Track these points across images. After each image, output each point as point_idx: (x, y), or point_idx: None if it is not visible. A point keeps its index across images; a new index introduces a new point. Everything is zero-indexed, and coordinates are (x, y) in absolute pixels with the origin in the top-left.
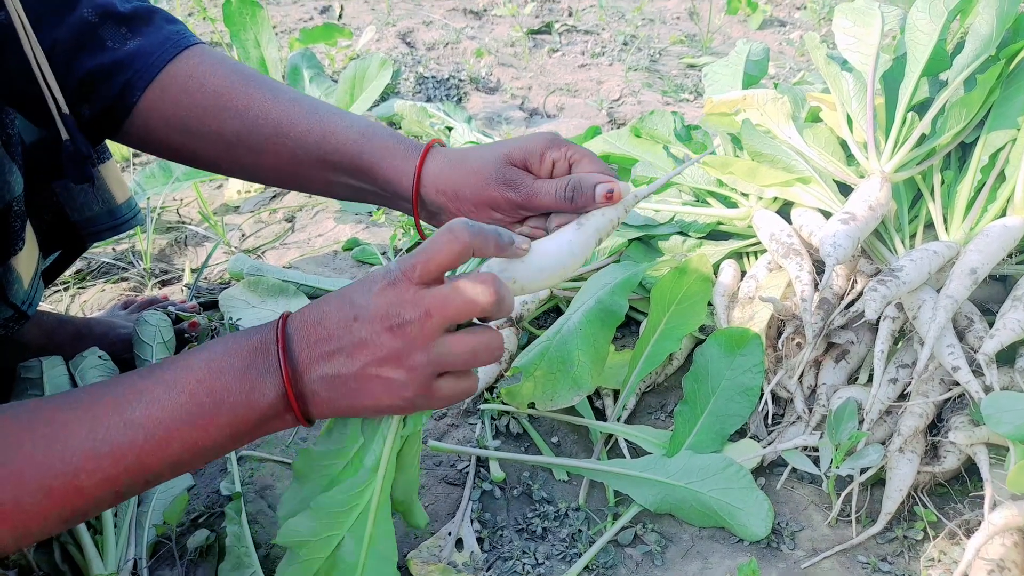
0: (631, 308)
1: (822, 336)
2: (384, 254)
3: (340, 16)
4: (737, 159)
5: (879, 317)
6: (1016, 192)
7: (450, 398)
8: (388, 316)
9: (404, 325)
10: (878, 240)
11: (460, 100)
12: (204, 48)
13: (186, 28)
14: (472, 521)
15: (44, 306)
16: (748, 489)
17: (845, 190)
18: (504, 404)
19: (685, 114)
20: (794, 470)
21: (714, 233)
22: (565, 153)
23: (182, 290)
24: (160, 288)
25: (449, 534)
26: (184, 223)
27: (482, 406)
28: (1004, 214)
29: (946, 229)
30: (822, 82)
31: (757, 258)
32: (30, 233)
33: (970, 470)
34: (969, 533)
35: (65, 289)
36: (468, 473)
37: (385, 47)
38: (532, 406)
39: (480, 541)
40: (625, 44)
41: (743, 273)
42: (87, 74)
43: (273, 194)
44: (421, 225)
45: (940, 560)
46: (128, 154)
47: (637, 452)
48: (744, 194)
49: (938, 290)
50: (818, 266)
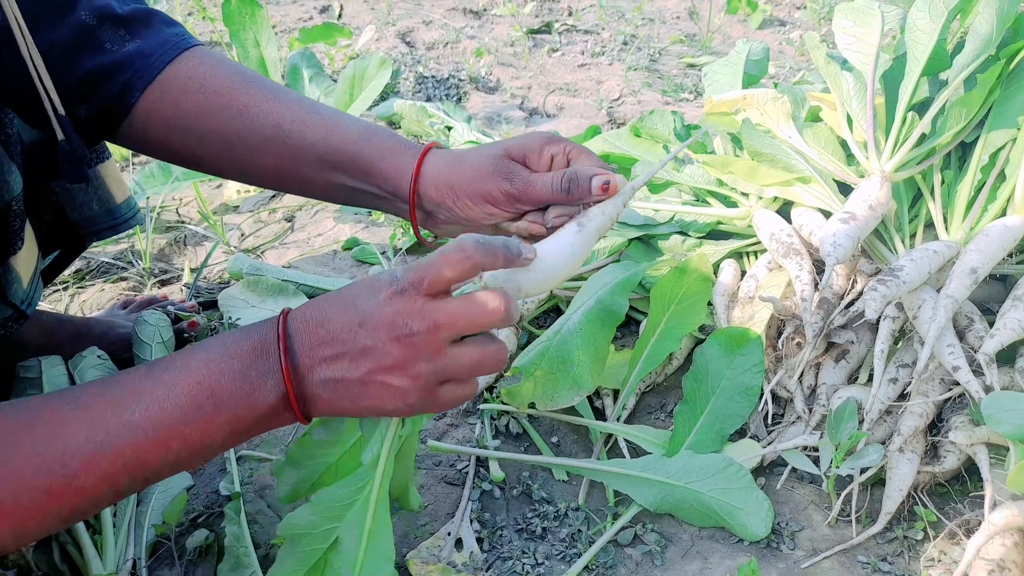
0: (631, 308)
1: (822, 336)
2: (384, 254)
3: (340, 16)
4: (737, 159)
5: (879, 317)
6: (1016, 192)
7: (451, 403)
8: (395, 325)
9: (411, 336)
10: (878, 240)
11: (460, 100)
12: (204, 50)
13: (185, 30)
14: (472, 521)
15: (43, 305)
16: (748, 489)
17: (845, 190)
18: (504, 404)
19: (685, 114)
20: (794, 470)
21: (714, 233)
22: (563, 149)
23: (181, 290)
24: (159, 288)
25: (449, 534)
26: (183, 223)
27: (482, 406)
28: (1004, 214)
29: (946, 229)
30: (822, 82)
31: (757, 258)
32: (29, 232)
33: (970, 470)
34: (969, 533)
35: (64, 289)
36: (468, 473)
37: (385, 46)
38: (532, 406)
39: (480, 541)
40: (625, 44)
41: (743, 273)
42: (86, 75)
43: (272, 194)
44: (418, 227)
45: (940, 560)
46: (127, 154)
47: (637, 452)
48: (744, 194)
49: (938, 290)
50: (818, 266)
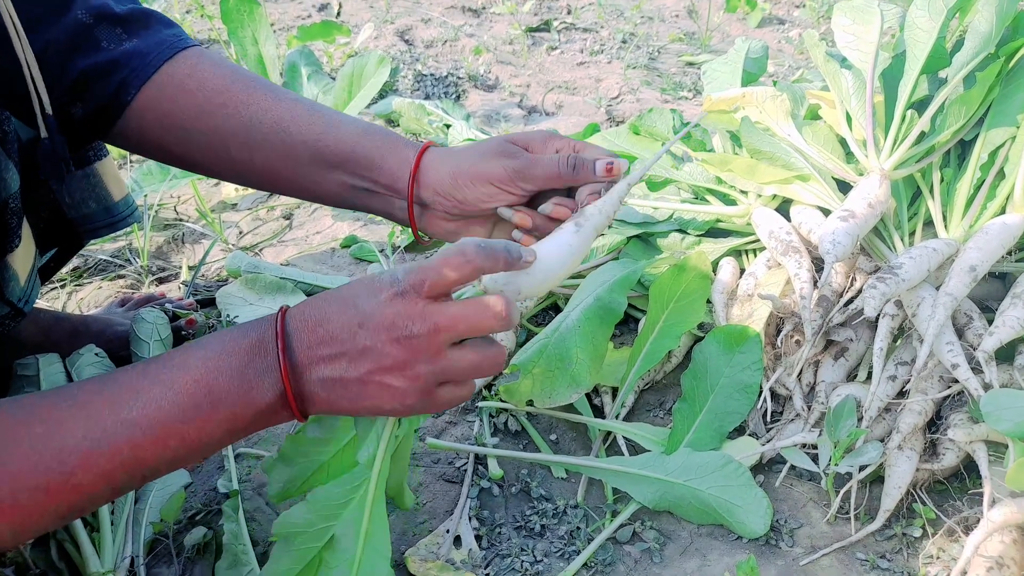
0: (630, 305)
1: (821, 334)
2: (382, 251)
3: (338, 13)
4: (736, 157)
5: (878, 314)
6: (1015, 189)
7: (449, 403)
8: (395, 327)
9: (412, 338)
10: (877, 238)
11: (458, 98)
12: (201, 50)
13: (183, 31)
14: (470, 518)
15: (41, 303)
16: (747, 486)
17: (844, 188)
18: (503, 401)
19: (684, 112)
20: (793, 467)
21: (713, 231)
22: (568, 144)
23: (179, 287)
24: (157, 285)
25: (447, 531)
26: (181, 220)
27: (480, 404)
28: (1003, 211)
29: (945, 227)
30: (821, 80)
31: (756, 256)
32: (27, 230)
33: (969, 467)
34: (968, 530)
35: (62, 286)
36: (466, 470)
37: (383, 44)
38: (530, 403)
39: (478, 538)
40: (624, 42)
41: (742, 271)
42: (81, 73)
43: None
44: (415, 226)
45: (939, 557)
46: (125, 151)
47: (636, 449)
48: (743, 192)
49: (937, 288)
50: (817, 264)
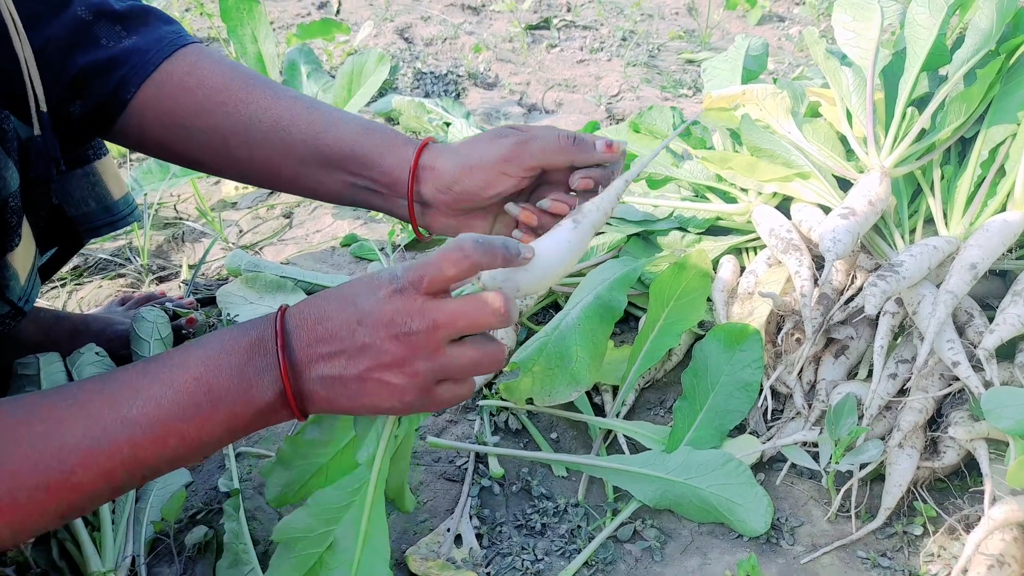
0: (630, 304)
1: (821, 331)
2: (382, 250)
3: (338, 12)
4: (736, 154)
5: (879, 312)
6: (1016, 187)
7: (448, 402)
8: (394, 323)
9: (410, 334)
10: (878, 235)
11: (458, 96)
12: (201, 47)
13: (182, 28)
14: (471, 517)
15: (41, 302)
16: (747, 485)
17: (845, 185)
18: (503, 400)
19: (684, 109)
20: (793, 466)
21: (713, 229)
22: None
23: (179, 286)
24: (157, 284)
25: (448, 530)
26: (181, 219)
27: (481, 402)
28: (1004, 209)
29: (946, 224)
30: (821, 77)
31: (756, 254)
32: (27, 229)
33: (970, 465)
34: (969, 528)
35: (62, 285)
36: (467, 469)
37: (383, 43)
38: (531, 402)
39: (479, 537)
40: (624, 40)
41: (742, 269)
42: (80, 71)
43: (271, 191)
44: (416, 224)
45: (940, 555)
46: (125, 150)
47: (636, 448)
48: (743, 189)
49: (938, 285)
50: (817, 261)
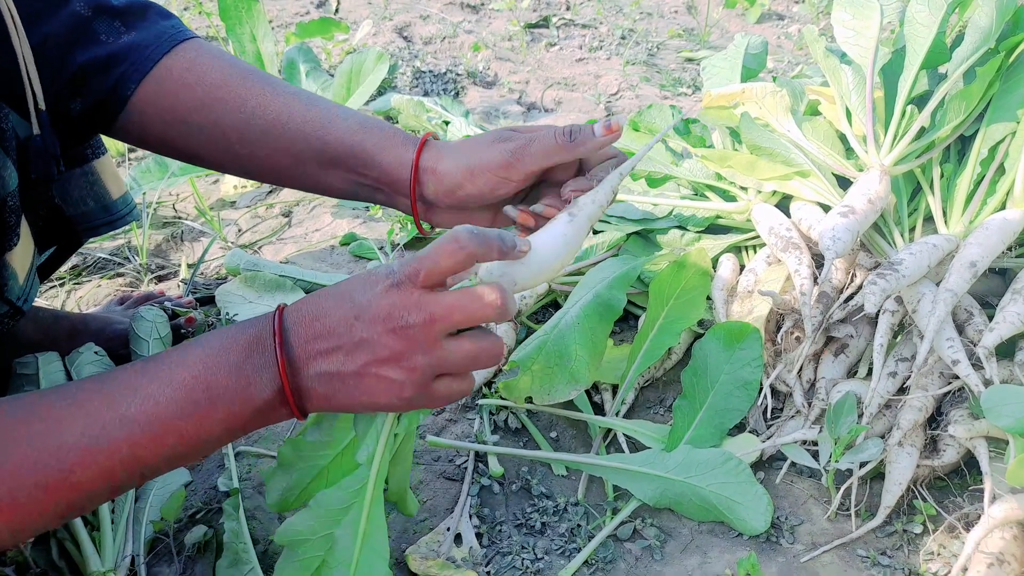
0: (629, 302)
1: (821, 330)
2: (382, 249)
3: (336, 10)
4: (736, 153)
5: (878, 310)
6: (1016, 185)
7: (447, 398)
8: (391, 317)
9: (407, 328)
10: (877, 234)
11: (457, 94)
12: (200, 42)
13: (181, 22)
14: (471, 516)
15: (40, 302)
16: (747, 483)
17: (844, 184)
18: (503, 399)
19: (683, 108)
20: (793, 464)
21: (713, 227)
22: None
23: (178, 286)
24: (156, 284)
25: (448, 529)
26: (180, 218)
27: (480, 401)
28: (1004, 207)
29: (945, 222)
30: (821, 75)
31: (756, 252)
32: (25, 228)
33: (969, 464)
34: (969, 527)
35: (61, 285)
36: (467, 468)
37: (382, 41)
38: (530, 401)
39: (479, 536)
40: (623, 38)
41: (742, 267)
42: (79, 68)
43: (270, 189)
44: (419, 220)
45: (939, 554)
46: (123, 149)
47: (636, 447)
48: (743, 188)
49: (937, 283)
50: (817, 260)
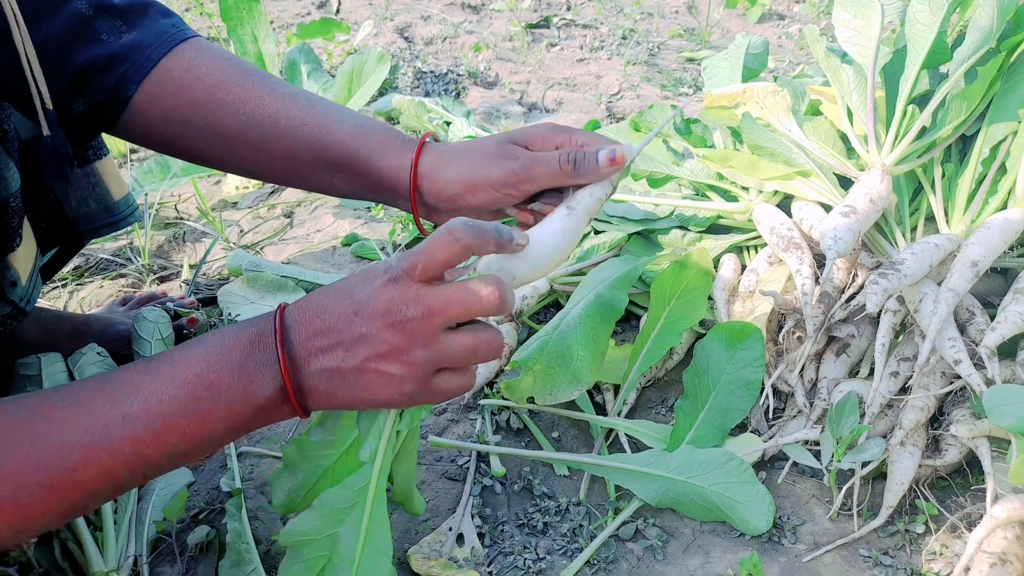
0: (631, 302)
1: (823, 330)
2: (383, 249)
3: (337, 11)
4: (737, 152)
5: (880, 310)
6: (1017, 184)
7: (448, 393)
8: (390, 312)
9: (406, 322)
10: (879, 233)
11: (458, 95)
12: (201, 41)
13: (182, 21)
14: (473, 516)
15: (42, 303)
16: (749, 483)
17: (846, 183)
18: (504, 399)
19: (684, 108)
20: (795, 464)
21: (714, 227)
22: (570, 137)
23: (180, 286)
24: (158, 284)
25: (450, 529)
26: (182, 219)
27: (482, 401)
28: (1005, 207)
29: (947, 222)
30: (822, 75)
31: (757, 252)
32: (28, 229)
33: (972, 463)
34: (971, 526)
35: (63, 286)
36: (469, 468)
37: (383, 42)
38: (532, 401)
39: (481, 536)
40: (624, 38)
41: (743, 267)
42: (80, 67)
43: (271, 190)
44: (420, 221)
45: (942, 553)
46: (125, 150)
47: (638, 447)
48: (744, 188)
49: (939, 283)
50: (819, 260)
